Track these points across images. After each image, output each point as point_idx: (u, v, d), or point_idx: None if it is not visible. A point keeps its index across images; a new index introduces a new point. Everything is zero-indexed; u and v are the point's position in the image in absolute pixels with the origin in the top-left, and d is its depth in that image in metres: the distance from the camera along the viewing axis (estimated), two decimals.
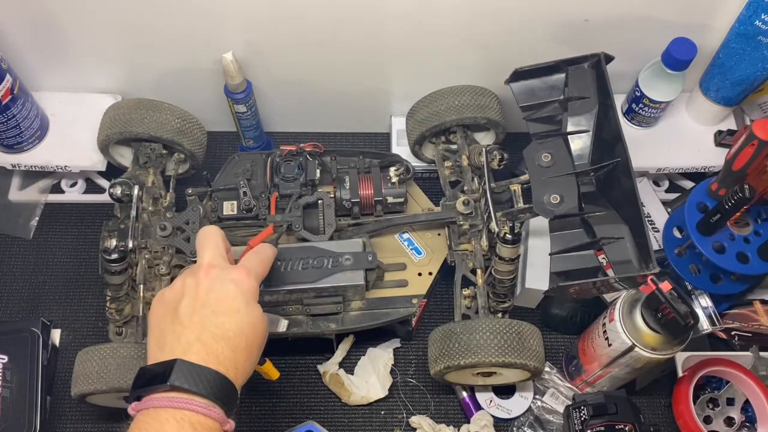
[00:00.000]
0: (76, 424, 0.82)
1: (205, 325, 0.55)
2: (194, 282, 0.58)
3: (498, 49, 0.84)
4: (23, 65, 0.85)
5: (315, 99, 0.93)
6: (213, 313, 0.56)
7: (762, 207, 0.77)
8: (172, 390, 0.52)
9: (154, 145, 0.84)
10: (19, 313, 0.88)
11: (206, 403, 0.52)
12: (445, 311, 0.88)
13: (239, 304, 0.57)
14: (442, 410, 0.83)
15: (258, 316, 0.59)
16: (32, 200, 0.94)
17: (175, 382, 0.52)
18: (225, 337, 0.55)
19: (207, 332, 0.55)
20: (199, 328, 0.55)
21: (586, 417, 0.75)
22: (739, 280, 0.80)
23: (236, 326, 0.56)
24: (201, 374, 0.53)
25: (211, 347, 0.55)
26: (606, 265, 0.69)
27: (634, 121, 0.89)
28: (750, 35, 0.78)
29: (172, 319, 0.56)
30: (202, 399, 0.52)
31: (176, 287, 0.58)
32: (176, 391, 0.52)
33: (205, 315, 0.56)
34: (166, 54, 0.85)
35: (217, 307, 0.56)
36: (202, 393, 0.52)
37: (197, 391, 0.52)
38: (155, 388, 0.53)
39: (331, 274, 0.73)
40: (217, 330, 0.55)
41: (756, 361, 0.80)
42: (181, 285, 0.58)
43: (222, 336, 0.55)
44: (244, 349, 0.56)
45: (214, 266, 0.59)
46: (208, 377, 0.53)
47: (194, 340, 0.55)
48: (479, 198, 0.79)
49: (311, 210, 0.79)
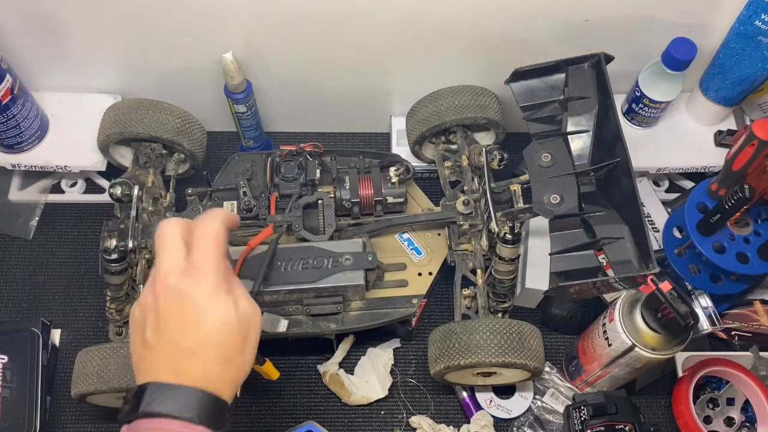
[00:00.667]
0: (76, 424, 0.82)
1: (173, 342, 0.52)
2: (153, 299, 0.53)
3: (498, 49, 0.84)
4: (23, 65, 0.85)
5: (315, 99, 0.93)
6: (178, 327, 0.52)
7: (762, 207, 0.77)
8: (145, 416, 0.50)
9: (154, 145, 0.84)
10: (19, 313, 0.88)
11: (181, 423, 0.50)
12: (445, 311, 0.88)
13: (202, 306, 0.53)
14: (442, 410, 0.83)
15: (226, 316, 0.53)
16: (32, 200, 0.94)
17: (146, 408, 0.50)
18: (191, 351, 0.52)
19: (175, 349, 0.52)
20: (166, 348, 0.52)
21: (586, 417, 0.75)
22: (739, 280, 0.80)
23: (203, 335, 0.52)
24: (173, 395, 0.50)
25: (179, 365, 0.52)
26: (606, 265, 0.69)
27: (634, 121, 0.89)
28: (750, 35, 0.78)
29: (141, 340, 0.54)
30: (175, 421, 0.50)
31: (141, 304, 0.55)
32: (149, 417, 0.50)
33: (169, 332, 0.52)
34: (166, 54, 0.85)
35: (180, 317, 0.52)
36: (175, 415, 0.50)
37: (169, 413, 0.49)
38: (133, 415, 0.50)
39: (331, 274, 0.73)
40: (185, 344, 0.52)
41: (756, 361, 0.80)
42: (144, 302, 0.54)
43: (188, 350, 0.52)
44: (214, 359, 0.53)
45: (169, 274, 0.53)
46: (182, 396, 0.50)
47: (163, 361, 0.52)
48: (479, 198, 0.79)
49: (311, 210, 0.79)
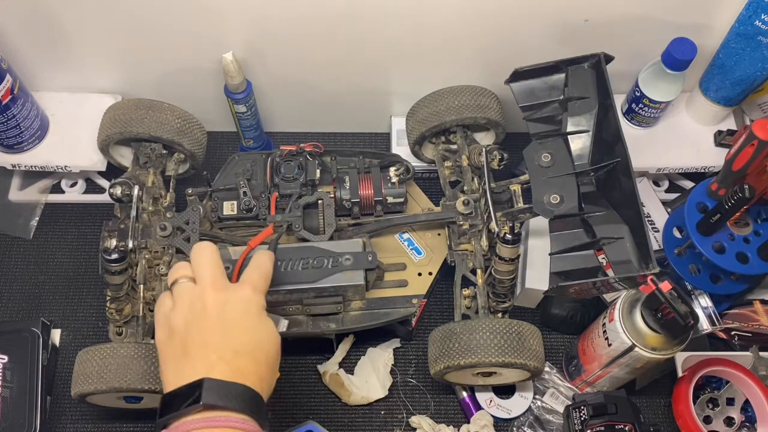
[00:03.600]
0: (76, 424, 0.82)
1: (224, 343, 0.55)
2: (202, 306, 0.57)
3: (498, 49, 0.84)
4: (23, 65, 0.85)
5: (315, 99, 0.93)
6: (229, 332, 0.56)
7: (762, 207, 0.77)
8: (206, 410, 0.51)
9: (154, 145, 0.84)
10: (19, 313, 0.88)
11: (242, 418, 0.52)
12: (445, 311, 0.88)
13: (252, 320, 0.58)
14: (442, 410, 0.83)
15: (271, 329, 0.59)
16: (32, 200, 0.94)
17: (209, 400, 0.51)
18: (245, 352, 0.56)
19: (227, 350, 0.55)
20: (218, 348, 0.55)
21: (586, 417, 0.75)
22: (739, 280, 0.80)
23: (254, 341, 0.57)
24: (231, 390, 0.53)
25: (235, 363, 0.54)
26: (606, 265, 0.69)
27: (634, 121, 0.89)
28: (750, 35, 0.78)
29: (186, 344, 0.56)
30: (237, 415, 0.52)
31: (182, 311, 0.57)
32: (210, 410, 0.51)
33: (222, 334, 0.56)
34: (166, 54, 0.85)
35: (231, 325, 0.57)
36: (237, 408, 0.52)
37: (231, 407, 0.52)
38: (186, 410, 0.51)
39: (331, 274, 0.73)
40: (237, 346, 0.56)
41: (756, 361, 0.80)
42: (188, 309, 0.57)
43: (243, 351, 0.56)
44: (264, 361, 0.57)
45: (219, 287, 0.58)
46: (238, 392, 0.53)
47: (216, 359, 0.54)
48: (479, 198, 0.79)
49: (311, 210, 0.79)
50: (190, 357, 0.55)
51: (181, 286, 0.59)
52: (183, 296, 0.58)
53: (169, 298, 0.59)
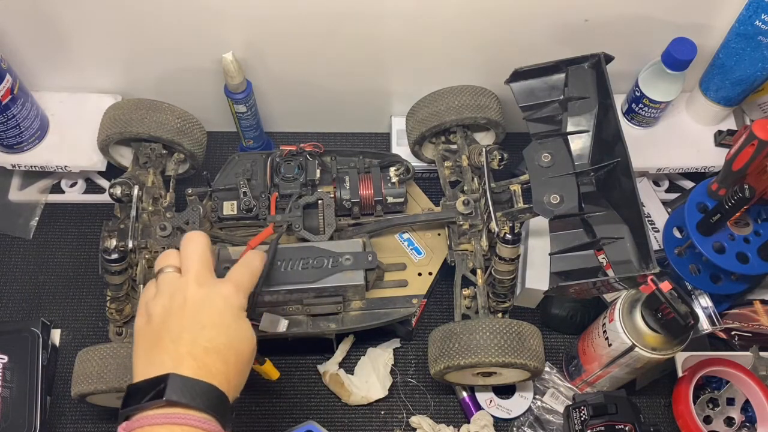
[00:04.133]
0: (76, 424, 0.82)
1: (196, 339, 0.55)
2: (182, 298, 0.57)
3: (498, 49, 0.84)
4: (23, 65, 0.85)
5: (315, 99, 0.93)
6: (204, 328, 0.55)
7: (762, 207, 0.77)
8: (168, 405, 0.51)
9: (154, 145, 0.84)
10: (19, 313, 0.88)
11: (204, 417, 0.51)
12: (445, 311, 0.88)
13: (229, 319, 0.57)
14: (442, 410, 0.83)
15: (247, 330, 0.58)
16: (32, 200, 0.94)
17: (171, 396, 0.51)
18: (216, 350, 0.55)
19: (198, 346, 0.54)
20: (189, 343, 0.54)
21: (586, 417, 0.75)
22: (739, 280, 0.80)
23: (227, 340, 0.56)
24: (196, 388, 0.52)
25: (203, 360, 0.54)
26: (606, 265, 0.69)
27: (634, 121, 0.89)
28: (750, 35, 0.78)
29: (160, 334, 0.55)
30: (199, 413, 0.51)
31: (162, 301, 0.57)
32: (172, 407, 0.51)
33: (196, 330, 0.55)
34: (166, 54, 0.85)
35: (207, 321, 0.56)
36: (199, 407, 0.51)
37: (194, 405, 0.51)
38: (149, 404, 0.51)
39: (331, 274, 0.73)
40: (209, 344, 0.55)
41: (756, 361, 0.80)
42: (168, 299, 0.57)
43: (213, 349, 0.55)
44: (234, 363, 0.56)
45: (202, 281, 0.58)
46: (203, 390, 0.52)
47: (185, 354, 0.54)
48: (479, 198, 0.79)
49: (311, 210, 0.79)
50: (161, 349, 0.55)
51: (166, 276, 0.59)
52: (166, 286, 0.58)
53: (154, 286, 0.59)
